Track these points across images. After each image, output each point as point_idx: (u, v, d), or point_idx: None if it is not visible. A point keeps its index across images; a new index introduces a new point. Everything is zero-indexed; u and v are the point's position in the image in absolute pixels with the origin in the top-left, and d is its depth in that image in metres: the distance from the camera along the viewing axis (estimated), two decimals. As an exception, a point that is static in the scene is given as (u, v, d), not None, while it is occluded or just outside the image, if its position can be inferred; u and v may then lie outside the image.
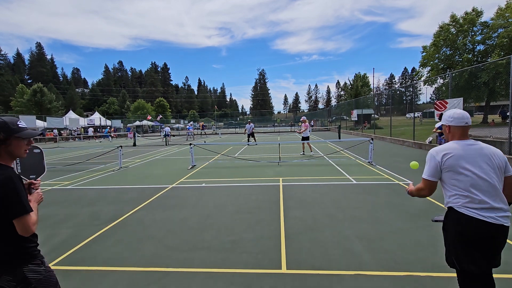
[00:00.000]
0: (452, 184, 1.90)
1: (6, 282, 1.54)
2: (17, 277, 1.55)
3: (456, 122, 1.96)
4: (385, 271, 2.93)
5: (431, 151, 2.03)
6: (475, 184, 1.82)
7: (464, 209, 1.84)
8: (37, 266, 1.62)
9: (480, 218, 1.79)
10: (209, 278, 2.94)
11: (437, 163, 1.94)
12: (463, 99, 11.97)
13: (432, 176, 1.97)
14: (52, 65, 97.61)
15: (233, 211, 5.08)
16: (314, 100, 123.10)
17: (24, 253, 1.59)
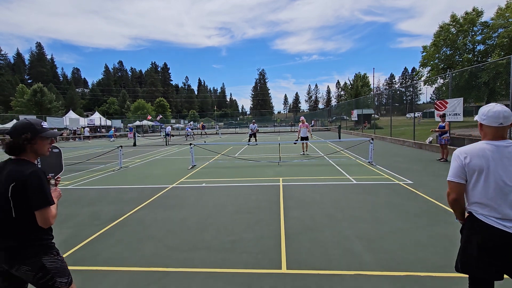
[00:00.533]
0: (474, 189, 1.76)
1: (24, 272, 1.64)
2: (36, 266, 1.64)
3: (488, 121, 1.76)
4: (385, 271, 2.93)
5: (456, 151, 1.86)
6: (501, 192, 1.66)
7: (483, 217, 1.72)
8: (54, 256, 1.74)
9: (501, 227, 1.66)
10: (209, 278, 2.94)
11: (462, 164, 1.77)
12: (463, 99, 11.96)
13: (456, 177, 1.80)
14: (52, 65, 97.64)
15: (233, 211, 5.08)
16: (314, 100, 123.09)
17: (42, 244, 1.71)
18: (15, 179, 1.60)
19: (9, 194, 1.59)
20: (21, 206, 1.61)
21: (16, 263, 1.63)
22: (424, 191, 5.92)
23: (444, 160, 9.71)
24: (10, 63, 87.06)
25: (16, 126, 1.69)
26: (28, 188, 1.59)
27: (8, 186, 1.60)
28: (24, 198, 1.61)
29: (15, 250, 1.63)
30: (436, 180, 6.98)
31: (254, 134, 18.77)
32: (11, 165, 1.66)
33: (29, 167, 1.64)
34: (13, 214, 1.61)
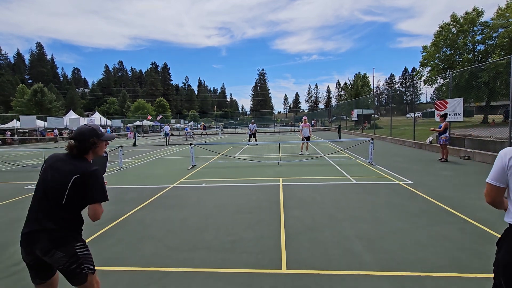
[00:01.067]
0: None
1: (57, 258, 1.77)
2: (69, 253, 1.80)
3: None
4: (385, 271, 2.93)
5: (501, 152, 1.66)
6: None
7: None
8: (84, 244, 1.92)
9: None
10: (209, 278, 2.94)
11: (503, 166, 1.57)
12: (463, 99, 11.96)
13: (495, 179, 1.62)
14: (53, 65, 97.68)
15: (233, 211, 5.08)
16: (314, 100, 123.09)
17: (78, 233, 1.92)
18: (80, 172, 1.80)
19: (69, 183, 1.78)
20: (73, 197, 1.81)
21: (54, 247, 1.75)
22: (424, 191, 5.92)
23: (444, 160, 9.71)
24: (10, 63, 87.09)
25: (82, 131, 1.94)
26: (89, 183, 1.81)
27: (71, 177, 1.79)
28: (80, 190, 1.81)
29: (56, 234, 1.77)
30: (436, 180, 6.98)
31: (254, 134, 18.79)
32: (75, 160, 1.89)
33: (92, 165, 1.89)
34: (63, 201, 1.78)
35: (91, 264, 1.93)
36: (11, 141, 29.81)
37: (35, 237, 1.76)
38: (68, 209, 1.82)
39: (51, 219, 1.78)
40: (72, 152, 1.91)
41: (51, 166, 1.87)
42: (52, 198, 1.79)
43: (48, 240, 1.75)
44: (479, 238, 3.69)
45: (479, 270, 2.91)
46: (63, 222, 1.81)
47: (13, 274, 3.14)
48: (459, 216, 4.46)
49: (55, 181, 1.81)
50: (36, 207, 1.82)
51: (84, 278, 1.87)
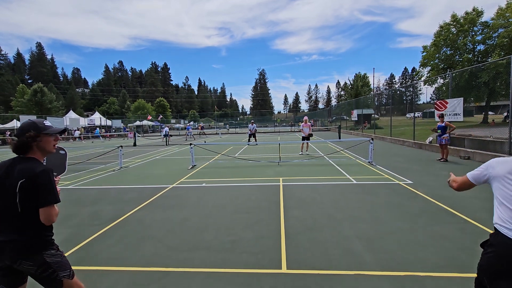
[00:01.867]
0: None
1: (27, 267, 1.69)
2: (38, 262, 1.70)
3: None
4: (385, 271, 2.93)
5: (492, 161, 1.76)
6: None
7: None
8: (55, 251, 1.80)
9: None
10: (209, 278, 2.94)
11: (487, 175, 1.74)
12: (463, 99, 11.97)
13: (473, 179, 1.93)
14: (53, 65, 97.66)
15: (233, 211, 5.08)
16: (314, 100, 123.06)
17: (44, 240, 1.77)
18: (25, 176, 1.67)
19: (17, 189, 1.65)
20: (27, 202, 1.67)
21: (19, 257, 1.68)
22: (424, 191, 5.92)
23: (444, 160, 9.71)
24: (10, 63, 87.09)
25: (21, 126, 1.80)
26: (37, 185, 1.66)
27: (17, 182, 1.66)
28: (31, 194, 1.67)
29: (19, 245, 1.68)
30: (436, 180, 6.98)
31: (254, 134, 18.81)
32: (21, 162, 1.75)
33: (38, 165, 1.74)
34: (18, 209, 1.67)
35: (67, 270, 1.82)
36: (11, 141, 29.76)
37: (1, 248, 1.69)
38: (27, 217, 1.69)
39: (12, 230, 1.69)
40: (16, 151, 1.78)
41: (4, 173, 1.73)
42: (9, 207, 1.68)
43: (12, 250, 1.68)
44: (479, 238, 3.67)
45: (479, 270, 2.91)
46: (25, 231, 1.70)
47: (13, 274, 3.14)
48: (459, 216, 4.46)
49: (7, 188, 1.68)
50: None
51: (60, 284, 1.79)
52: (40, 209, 1.68)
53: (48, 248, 1.77)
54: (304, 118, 13.87)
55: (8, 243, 1.68)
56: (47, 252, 1.75)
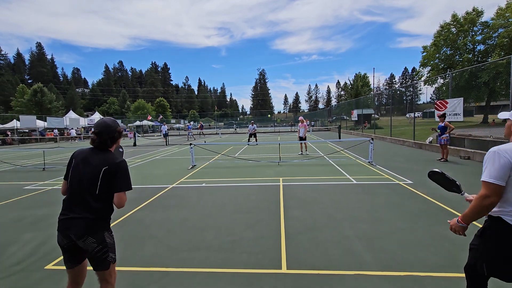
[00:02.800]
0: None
1: (89, 243, 1.95)
2: (99, 239, 1.97)
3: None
4: (385, 271, 2.93)
5: (494, 149, 1.66)
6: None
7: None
8: (111, 234, 2.08)
9: None
10: (209, 278, 2.94)
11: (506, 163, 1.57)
12: (463, 99, 11.96)
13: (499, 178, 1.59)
14: (52, 65, 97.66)
15: (233, 211, 5.07)
16: (314, 100, 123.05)
17: (107, 222, 2.06)
18: (108, 164, 1.96)
19: (100, 175, 1.94)
20: (105, 187, 1.96)
21: (86, 233, 1.93)
22: (424, 191, 5.91)
23: (444, 160, 9.71)
24: (10, 63, 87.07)
25: (107, 123, 2.06)
26: (117, 173, 1.96)
27: (101, 169, 1.94)
28: (110, 180, 1.96)
29: (89, 222, 1.94)
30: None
31: (254, 134, 18.77)
32: (101, 153, 2.03)
33: (117, 157, 2.05)
34: (96, 191, 1.95)
35: (114, 253, 2.08)
36: (11, 141, 29.80)
37: (71, 223, 1.94)
38: (100, 199, 1.97)
39: (85, 208, 1.95)
40: (95, 144, 2.05)
41: (82, 160, 2.01)
42: (87, 188, 1.95)
43: (82, 226, 1.93)
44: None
45: (479, 270, 2.90)
46: (96, 211, 1.96)
47: (13, 274, 3.14)
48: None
49: (88, 173, 1.96)
50: (71, 197, 2.00)
51: (107, 265, 2.04)
52: (116, 193, 1.96)
53: (108, 229, 2.06)
54: (299, 118, 13.79)
55: (79, 219, 1.93)
56: (107, 232, 2.04)
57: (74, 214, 1.95)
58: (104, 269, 2.03)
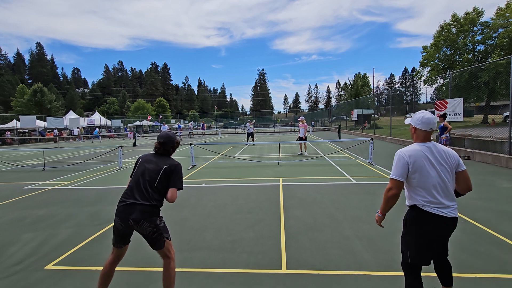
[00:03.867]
0: (416, 185, 2.08)
1: (146, 227, 2.33)
2: (153, 223, 2.35)
3: (422, 126, 2.09)
4: (385, 271, 2.93)
5: (398, 152, 2.14)
6: (435, 185, 2.02)
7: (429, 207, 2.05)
8: (162, 219, 2.48)
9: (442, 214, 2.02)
10: (209, 278, 2.94)
11: (406, 164, 2.06)
12: (463, 99, 11.96)
13: (399, 176, 2.08)
14: (52, 65, 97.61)
15: (233, 211, 5.08)
16: (314, 100, 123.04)
17: (159, 210, 2.45)
18: (168, 164, 2.46)
19: (162, 171, 2.40)
20: (162, 182, 2.40)
21: (143, 218, 2.30)
22: (424, 191, 5.91)
23: (444, 160, 9.70)
24: (10, 63, 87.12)
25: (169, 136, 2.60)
26: (174, 172, 2.44)
27: (162, 167, 2.42)
28: (167, 177, 2.41)
29: (147, 208, 2.32)
30: (436, 180, 6.98)
31: (252, 134, 18.54)
32: (162, 157, 2.55)
33: (175, 161, 2.55)
34: (155, 184, 2.38)
35: (167, 233, 2.47)
36: (11, 141, 29.80)
37: (131, 209, 2.30)
38: (157, 191, 2.39)
39: (144, 197, 2.34)
40: (160, 151, 2.57)
41: (146, 160, 2.52)
42: (148, 180, 2.38)
43: (140, 212, 2.30)
44: (479, 238, 3.69)
45: (479, 270, 2.91)
46: (152, 201, 2.35)
47: (13, 274, 3.14)
48: (459, 216, 4.46)
49: (151, 169, 2.42)
50: (133, 187, 2.39)
51: (162, 244, 2.42)
52: (170, 188, 2.42)
53: (160, 216, 2.45)
54: (299, 119, 13.75)
55: (140, 205, 2.31)
56: (159, 218, 2.42)
57: (134, 200, 2.32)
58: (160, 247, 2.42)
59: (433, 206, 2.03)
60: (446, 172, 2.05)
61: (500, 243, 3.52)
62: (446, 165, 2.06)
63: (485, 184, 6.51)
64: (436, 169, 2.04)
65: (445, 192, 2.05)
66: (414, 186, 2.10)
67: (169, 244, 2.49)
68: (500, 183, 6.57)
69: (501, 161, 8.66)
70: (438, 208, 2.03)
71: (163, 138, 2.57)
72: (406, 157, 2.06)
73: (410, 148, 2.12)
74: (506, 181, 6.77)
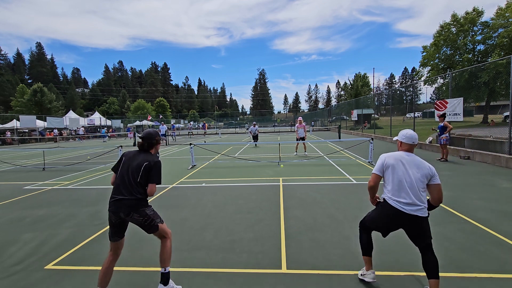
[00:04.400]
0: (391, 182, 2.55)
1: (136, 218, 2.60)
2: (142, 214, 2.61)
3: (406, 140, 2.64)
4: (385, 271, 2.93)
5: (382, 155, 2.76)
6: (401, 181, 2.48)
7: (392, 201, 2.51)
8: (150, 207, 2.73)
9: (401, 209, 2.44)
10: (209, 278, 2.94)
11: (382, 163, 2.65)
12: (463, 99, 11.95)
13: (377, 171, 2.64)
14: (52, 65, 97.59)
15: (233, 211, 5.08)
16: (314, 100, 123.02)
17: (146, 201, 2.69)
18: (148, 161, 2.65)
19: (142, 168, 2.61)
20: (144, 177, 2.62)
21: (132, 211, 2.56)
22: (424, 191, 5.91)
23: (444, 160, 9.71)
24: (10, 63, 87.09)
25: (149, 132, 2.81)
26: (153, 168, 2.63)
27: (143, 164, 2.63)
28: (147, 173, 2.62)
29: (133, 202, 2.57)
30: (436, 180, 6.97)
31: (256, 136, 18.35)
32: (145, 154, 2.76)
33: (155, 157, 2.75)
34: (137, 180, 2.60)
35: (158, 218, 2.73)
36: (11, 141, 29.79)
37: (120, 204, 2.55)
38: (140, 186, 2.62)
39: (130, 193, 2.58)
40: (143, 148, 2.79)
41: (130, 158, 2.73)
42: (132, 177, 2.61)
43: (128, 206, 2.55)
44: (479, 238, 3.69)
45: (479, 270, 2.91)
46: (138, 194, 2.59)
47: (13, 274, 3.14)
48: (459, 216, 4.46)
49: (134, 166, 2.64)
50: (120, 184, 2.63)
51: (156, 228, 2.70)
52: (150, 184, 2.63)
53: (147, 206, 2.68)
54: (298, 119, 13.61)
55: (127, 200, 2.56)
56: (147, 208, 2.67)
57: (123, 196, 2.57)
58: (155, 231, 2.72)
59: (394, 200, 2.49)
60: (417, 176, 2.45)
61: (500, 243, 3.52)
62: (417, 170, 2.47)
63: (485, 184, 6.51)
64: (406, 169, 2.49)
65: (412, 192, 2.43)
66: (385, 181, 2.61)
67: (163, 227, 2.76)
68: (500, 183, 6.57)
69: (501, 161, 8.66)
70: (399, 204, 2.46)
71: (144, 134, 2.83)
72: (384, 158, 2.66)
73: (391, 153, 2.68)
74: (506, 181, 6.77)
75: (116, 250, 2.72)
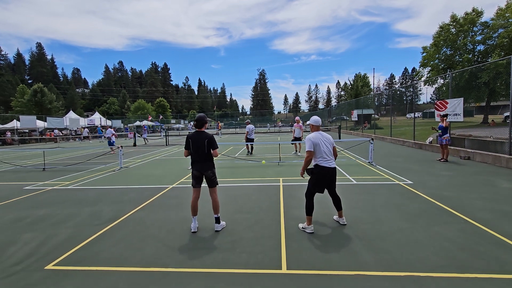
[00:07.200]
0: (317, 152, 4.00)
1: (208, 173, 4.14)
2: (212, 171, 4.19)
3: (315, 123, 4.16)
4: (385, 271, 2.93)
5: (308, 136, 4.08)
6: (324, 151, 3.99)
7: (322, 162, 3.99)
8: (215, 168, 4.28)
9: (327, 166, 3.96)
10: (209, 278, 2.94)
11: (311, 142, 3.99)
12: (463, 99, 11.95)
13: (310, 147, 3.98)
14: (53, 65, 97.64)
15: (233, 211, 5.08)
16: (314, 100, 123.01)
17: (213, 164, 4.23)
18: (208, 137, 4.09)
19: (206, 142, 4.06)
20: (208, 147, 4.08)
21: (207, 169, 4.13)
22: (424, 191, 5.92)
23: (444, 160, 9.71)
24: (10, 63, 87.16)
25: (201, 116, 4.22)
26: (212, 140, 4.10)
27: (205, 139, 4.08)
28: (209, 144, 4.08)
29: (208, 164, 4.15)
30: (436, 180, 6.98)
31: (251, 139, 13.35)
32: (203, 132, 4.16)
33: (209, 134, 4.16)
34: (205, 150, 4.08)
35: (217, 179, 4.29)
36: (11, 141, 29.80)
37: (201, 166, 4.12)
38: (208, 154, 4.12)
39: (204, 159, 4.13)
40: (197, 126, 4.18)
41: (195, 137, 4.11)
42: (202, 149, 4.08)
43: (206, 166, 4.13)
44: (479, 238, 3.69)
45: (479, 270, 2.91)
46: (210, 159, 4.16)
47: (13, 274, 3.15)
48: (459, 216, 4.46)
49: (200, 143, 4.08)
50: (196, 155, 4.11)
51: (215, 184, 4.24)
52: (213, 150, 4.09)
53: (214, 166, 4.24)
54: (295, 119, 13.53)
55: (205, 163, 4.12)
56: (214, 169, 4.23)
57: (202, 161, 4.11)
58: (214, 186, 4.20)
59: (323, 161, 3.96)
60: (329, 145, 4.06)
61: (500, 243, 3.52)
62: (328, 142, 4.07)
63: (485, 184, 6.51)
64: (324, 143, 4.02)
65: (328, 155, 4.00)
66: (316, 152, 3.99)
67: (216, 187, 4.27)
68: (500, 183, 6.57)
69: (501, 161, 8.66)
70: (326, 162, 3.96)
71: (197, 117, 4.18)
72: (311, 138, 4.01)
73: (312, 134, 4.08)
74: (506, 181, 6.77)
75: (198, 193, 4.20)
